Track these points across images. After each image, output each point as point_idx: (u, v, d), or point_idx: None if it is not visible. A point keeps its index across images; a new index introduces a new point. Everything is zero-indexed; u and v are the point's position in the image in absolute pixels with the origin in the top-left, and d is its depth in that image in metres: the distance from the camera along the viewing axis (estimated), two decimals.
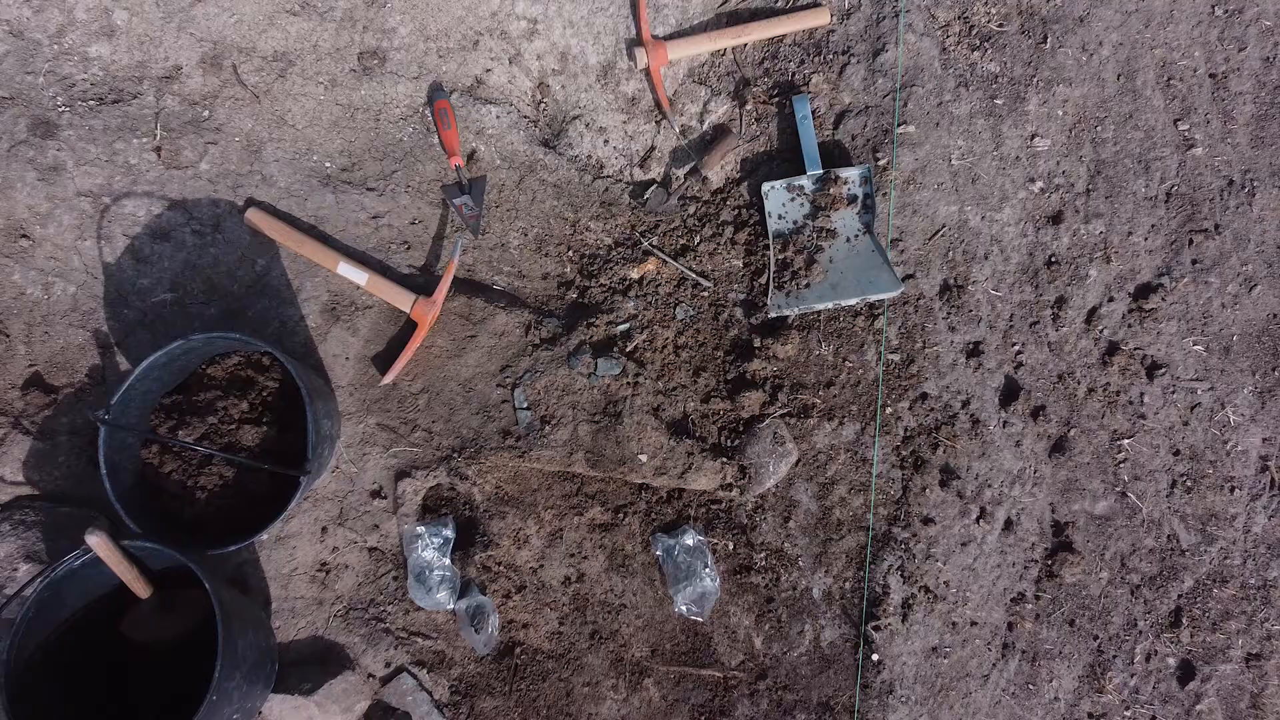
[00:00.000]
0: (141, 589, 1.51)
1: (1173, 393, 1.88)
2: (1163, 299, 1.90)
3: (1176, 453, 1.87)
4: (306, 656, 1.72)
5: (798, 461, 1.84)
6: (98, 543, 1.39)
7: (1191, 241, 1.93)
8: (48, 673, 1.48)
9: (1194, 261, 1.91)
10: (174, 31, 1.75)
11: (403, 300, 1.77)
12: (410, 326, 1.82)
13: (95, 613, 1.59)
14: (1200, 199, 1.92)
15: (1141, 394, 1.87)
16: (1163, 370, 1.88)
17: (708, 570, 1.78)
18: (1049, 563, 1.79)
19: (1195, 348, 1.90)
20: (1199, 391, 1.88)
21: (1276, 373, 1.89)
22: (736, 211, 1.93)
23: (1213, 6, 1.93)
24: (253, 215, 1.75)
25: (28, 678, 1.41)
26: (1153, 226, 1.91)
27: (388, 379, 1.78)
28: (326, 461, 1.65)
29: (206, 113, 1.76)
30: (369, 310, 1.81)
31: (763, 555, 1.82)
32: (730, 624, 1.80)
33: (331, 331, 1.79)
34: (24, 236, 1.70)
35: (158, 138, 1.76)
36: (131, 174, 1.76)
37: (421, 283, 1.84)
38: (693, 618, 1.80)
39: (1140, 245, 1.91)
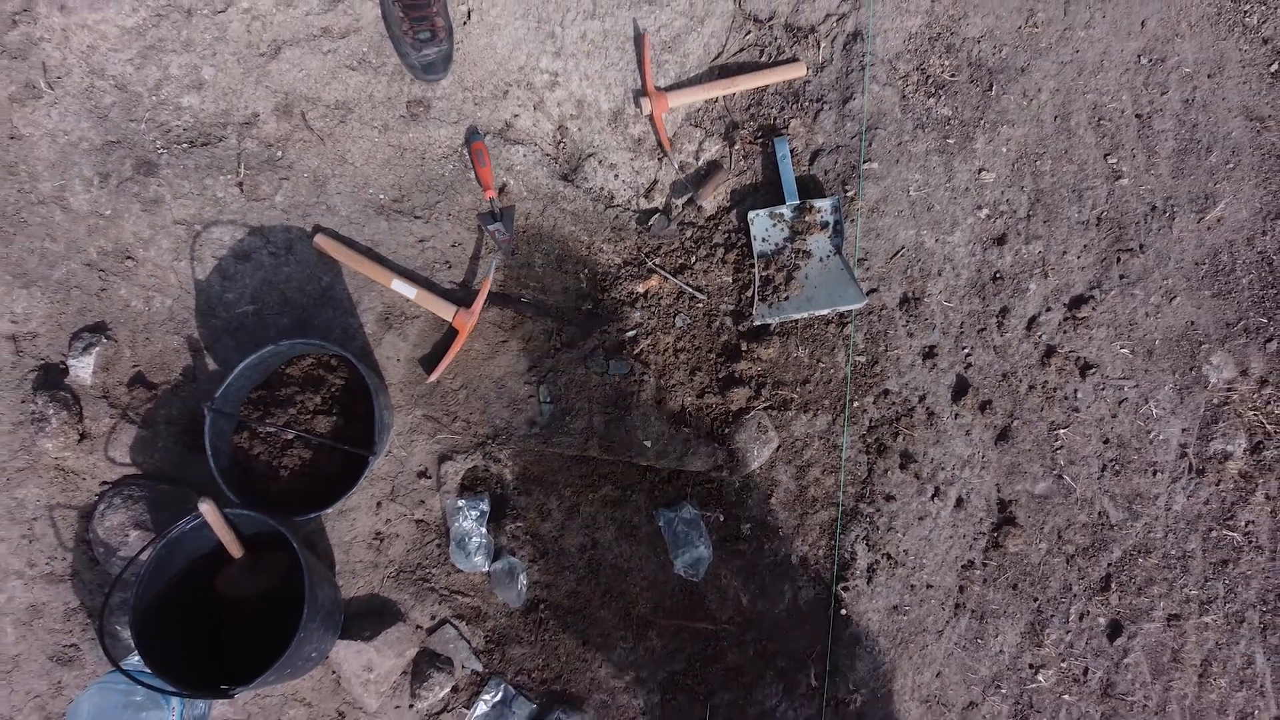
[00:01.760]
0: (236, 550, 1.68)
1: (1103, 389, 2.02)
2: (1094, 309, 2.03)
3: (1106, 441, 2.00)
4: (365, 610, 1.88)
5: (778, 447, 1.96)
6: (207, 509, 1.58)
7: (1119, 259, 2.05)
8: (162, 617, 1.63)
9: (1121, 276, 2.04)
10: (252, 84, 1.92)
11: (445, 311, 1.90)
12: (451, 333, 1.94)
13: (196, 571, 1.72)
14: (1127, 222, 2.05)
15: (1075, 390, 2.01)
16: (1094, 370, 2.02)
17: (702, 539, 1.91)
18: (995, 535, 1.95)
19: (1122, 351, 2.03)
20: (1125, 388, 2.02)
21: (1193, 372, 2.03)
22: (726, 235, 2.03)
23: (1138, 56, 2.08)
24: (319, 239, 1.90)
25: (149, 620, 1.59)
26: (1085, 246, 2.04)
27: (433, 377, 1.90)
28: (385, 446, 1.85)
29: (280, 153, 1.94)
30: (417, 319, 1.96)
31: (749, 526, 1.95)
32: (721, 585, 1.94)
33: (385, 337, 1.94)
34: (129, 258, 1.89)
35: (240, 175, 1.91)
36: (218, 205, 1.91)
37: (461, 296, 1.96)
38: (689, 579, 1.92)
39: (1074, 263, 2.04)
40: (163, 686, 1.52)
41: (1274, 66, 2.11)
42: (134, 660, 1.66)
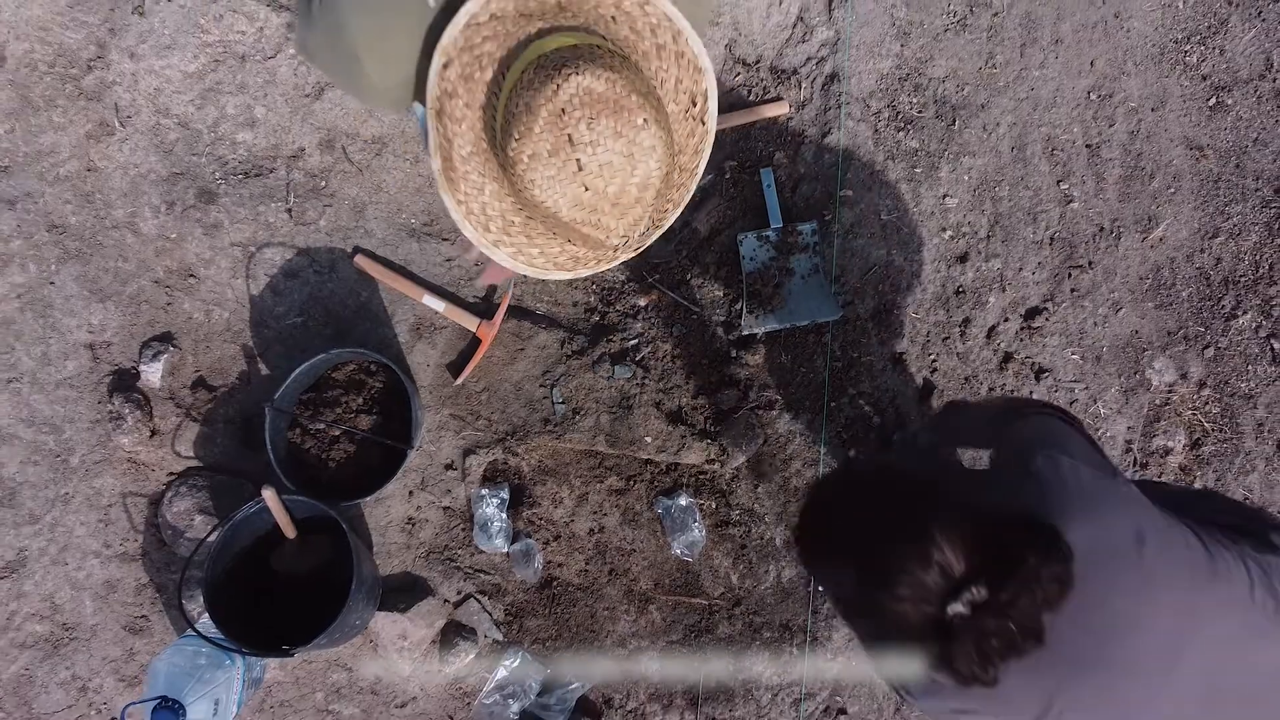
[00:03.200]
0: (290, 530, 1.85)
1: (1056, 391, 2.16)
2: (1047, 319, 2.16)
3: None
4: (400, 586, 2.05)
5: (764, 442, 2.09)
6: (269, 495, 1.76)
7: (1070, 275, 2.18)
8: (228, 589, 1.82)
9: (1072, 290, 2.18)
10: (299, 122, 2.09)
11: (470, 322, 2.04)
12: (475, 342, 2.07)
13: (254, 550, 1.92)
14: (1077, 242, 2.18)
15: (1031, 392, 2.14)
16: (1047, 374, 2.16)
17: (697, 524, 2.05)
18: None
19: (1073, 356, 2.17)
20: (1076, 390, 2.17)
21: (1137, 376, 2.18)
22: (718, 255, 2.14)
23: (1088, 92, 2.22)
24: (359, 259, 2.05)
25: (217, 592, 1.78)
26: (1039, 263, 2.18)
27: (459, 381, 2.05)
28: (419, 441, 2.04)
29: (324, 183, 2.10)
30: (444, 330, 2.10)
31: (738, 512, 2.09)
32: (713, 564, 2.08)
33: (416, 346, 2.10)
34: (192, 276, 2.08)
35: (289, 202, 2.08)
36: (270, 229, 2.09)
37: (484, 309, 2.10)
38: (685, 559, 2.06)
39: (1029, 278, 2.18)
40: (234, 646, 1.75)
41: (1212, 101, 2.27)
42: (202, 626, 1.89)
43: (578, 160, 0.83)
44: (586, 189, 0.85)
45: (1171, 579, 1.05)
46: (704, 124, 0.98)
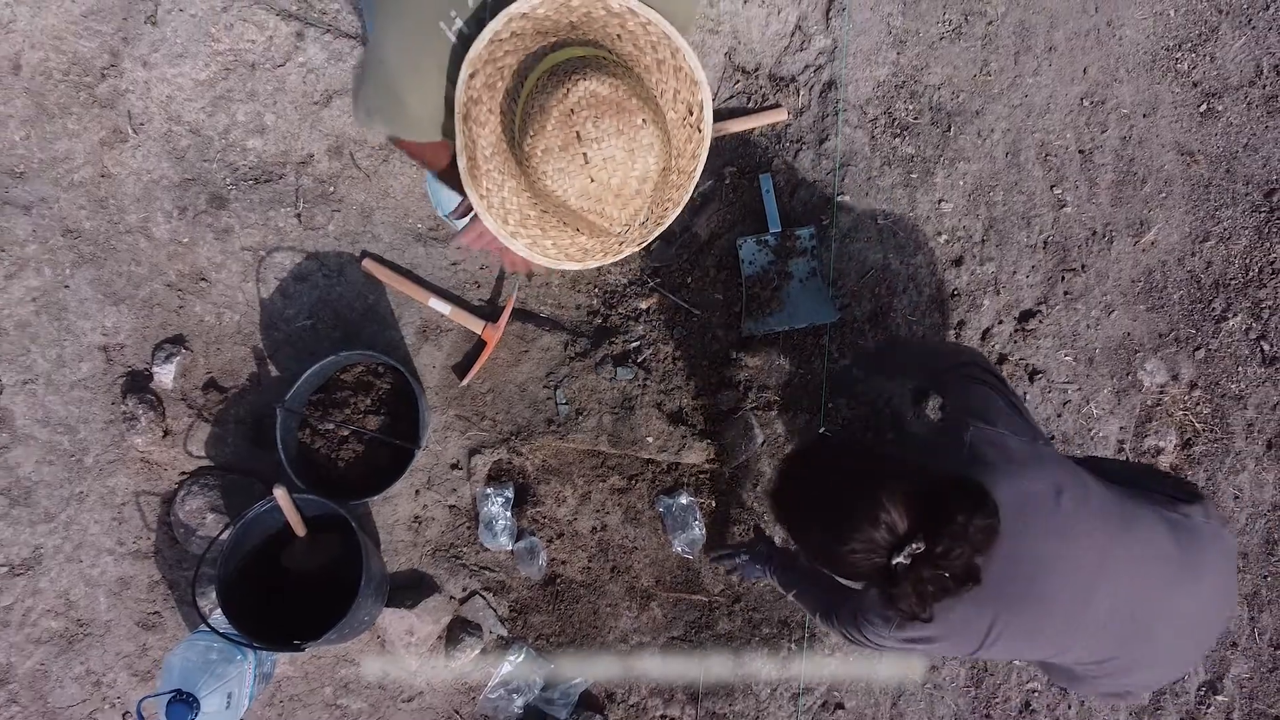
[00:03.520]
0: (300, 529, 1.86)
1: (1049, 392, 2.22)
2: (1041, 321, 2.21)
3: (1052, 437, 2.20)
4: (406, 583, 2.09)
5: (763, 442, 2.11)
6: (280, 494, 1.78)
7: (1063, 278, 2.23)
8: (240, 586, 1.84)
9: (1065, 293, 2.23)
10: (308, 129, 2.12)
11: (475, 325, 2.07)
12: (480, 344, 2.11)
13: (264, 548, 1.95)
14: (1070, 245, 2.24)
15: (1025, 393, 2.20)
16: (1041, 375, 2.21)
17: (697, 522, 2.09)
18: None
19: (1066, 358, 2.22)
20: (1070, 391, 2.22)
21: (1129, 377, 2.23)
22: (718, 259, 2.18)
23: (1081, 99, 2.26)
24: (366, 263, 2.08)
25: (230, 589, 1.81)
26: (1033, 267, 2.23)
27: (464, 382, 2.08)
28: (426, 441, 2.06)
29: (332, 189, 2.13)
30: (450, 332, 2.14)
31: (737, 511, 2.13)
32: (715, 566, 2.12)
33: (423, 348, 2.13)
34: (204, 280, 2.12)
35: (298, 207, 2.11)
36: (280, 234, 2.12)
37: (489, 312, 2.13)
38: (686, 556, 2.10)
39: (1023, 281, 2.23)
40: (246, 641, 1.79)
41: (1202, 107, 2.32)
42: (214, 621, 1.92)
43: (584, 154, 0.96)
44: (592, 180, 0.98)
45: (1088, 526, 1.26)
46: (700, 130, 1.11)
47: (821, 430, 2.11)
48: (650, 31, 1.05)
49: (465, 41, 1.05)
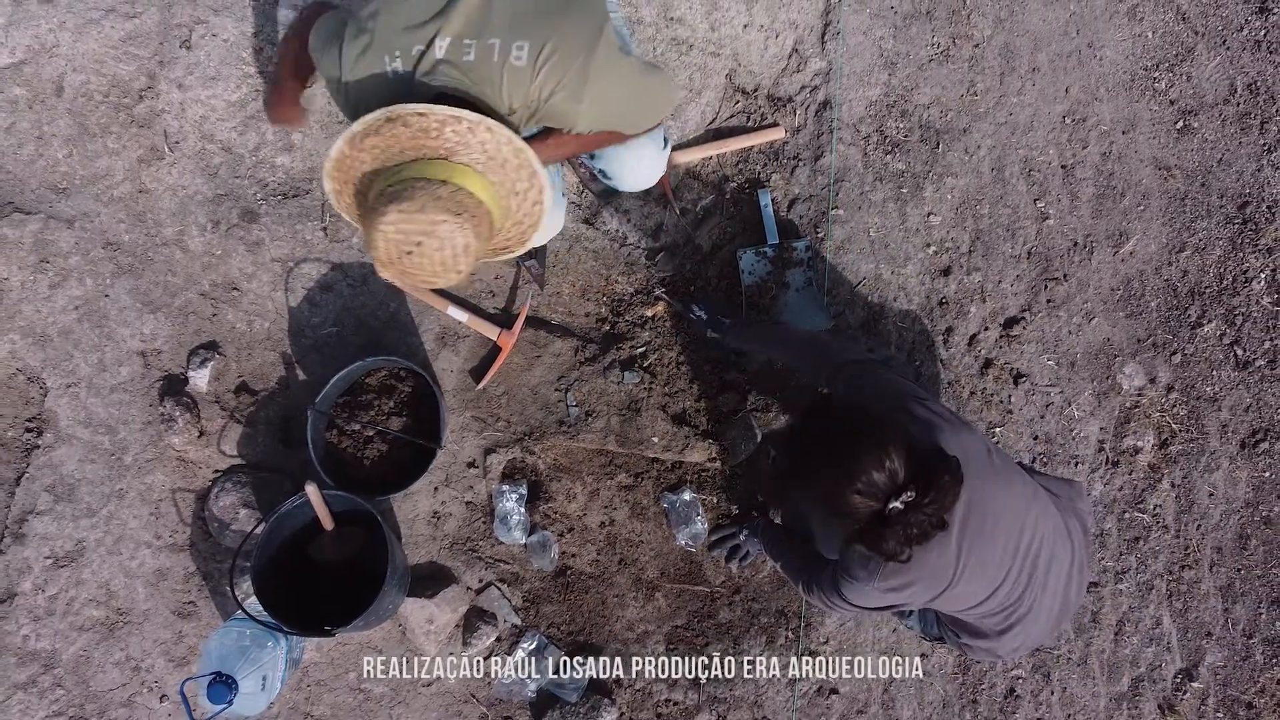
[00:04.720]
0: (329, 523, 1.97)
1: (1033, 395, 2.29)
2: (1025, 328, 2.28)
3: (1036, 438, 2.28)
4: (426, 574, 2.18)
5: (761, 441, 2.17)
6: (311, 490, 1.90)
7: (1046, 286, 2.30)
8: (273, 576, 1.94)
9: (1048, 301, 2.31)
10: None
11: (491, 331, 2.14)
12: (495, 350, 2.18)
13: (294, 541, 2.05)
14: (1053, 256, 2.31)
15: (1009, 396, 2.29)
16: (1025, 379, 2.28)
17: (699, 517, 2.17)
18: None
19: (1049, 362, 2.29)
20: (1052, 394, 2.29)
21: (1109, 380, 2.32)
22: (719, 269, 2.24)
23: (1063, 117, 2.35)
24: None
25: (264, 579, 1.90)
26: (1017, 276, 2.31)
27: (480, 386, 2.15)
28: (445, 441, 2.15)
29: None
30: (467, 338, 2.21)
31: (737, 506, 2.20)
32: (715, 555, 2.19)
33: (441, 353, 2.21)
34: (236, 289, 2.22)
35: (324, 221, 2.20)
36: (307, 246, 2.21)
37: (503, 319, 2.21)
38: (689, 550, 2.17)
39: (1008, 290, 2.31)
40: (279, 626, 1.92)
41: (1179, 124, 2.41)
42: (248, 607, 2.03)
43: (402, 268, 1.30)
44: (412, 274, 1.30)
45: (1011, 477, 1.55)
46: (533, 183, 1.39)
47: (824, 390, 2.21)
48: (474, 132, 1.28)
49: (399, 79, 1.34)
